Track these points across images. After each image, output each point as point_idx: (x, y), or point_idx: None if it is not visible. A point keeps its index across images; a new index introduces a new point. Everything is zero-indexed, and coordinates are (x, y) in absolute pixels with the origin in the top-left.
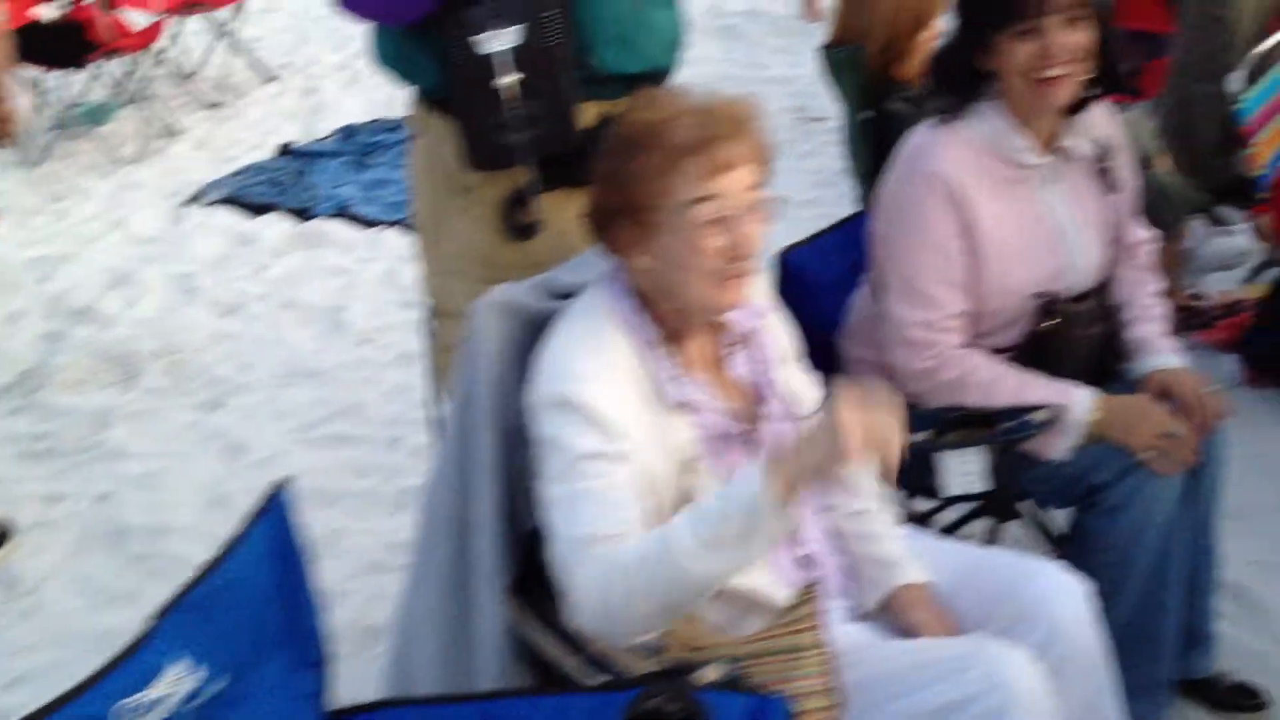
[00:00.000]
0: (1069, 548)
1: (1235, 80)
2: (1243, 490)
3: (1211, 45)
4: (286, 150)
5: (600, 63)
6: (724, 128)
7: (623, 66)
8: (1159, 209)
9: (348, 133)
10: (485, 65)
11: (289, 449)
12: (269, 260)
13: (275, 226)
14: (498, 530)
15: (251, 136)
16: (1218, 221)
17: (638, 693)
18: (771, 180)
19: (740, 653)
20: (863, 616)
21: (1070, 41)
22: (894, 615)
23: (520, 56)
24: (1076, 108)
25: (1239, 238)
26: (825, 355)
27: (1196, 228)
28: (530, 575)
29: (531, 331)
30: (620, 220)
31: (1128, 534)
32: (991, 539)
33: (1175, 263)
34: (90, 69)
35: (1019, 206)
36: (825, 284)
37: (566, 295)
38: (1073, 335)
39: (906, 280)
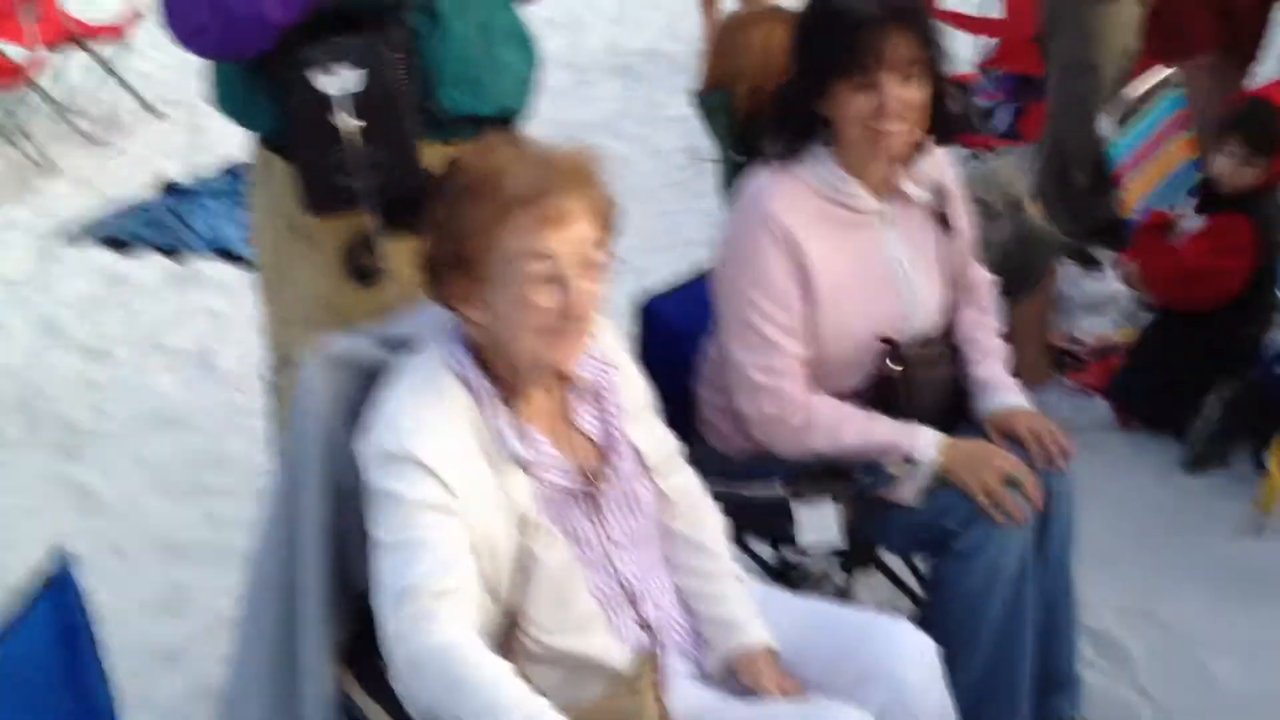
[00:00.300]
0: (927, 596)
1: (1105, 124)
2: (1109, 534)
3: (1080, 89)
4: (169, 188)
5: (446, 104)
6: (560, 180)
7: (470, 108)
8: (1030, 253)
9: (233, 170)
10: (324, 105)
11: (146, 500)
12: (140, 302)
13: (150, 267)
14: (326, 593)
15: (134, 174)
16: (1090, 264)
17: None
18: (612, 238)
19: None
20: (707, 678)
21: (905, 96)
22: (737, 677)
23: (361, 100)
24: (912, 153)
25: (1110, 281)
26: (690, 406)
27: (1068, 271)
28: (363, 641)
29: (365, 384)
30: (452, 272)
31: (980, 581)
32: (847, 590)
33: (1047, 306)
34: None
35: (855, 250)
36: (689, 334)
37: (403, 346)
38: (917, 378)
39: (745, 325)
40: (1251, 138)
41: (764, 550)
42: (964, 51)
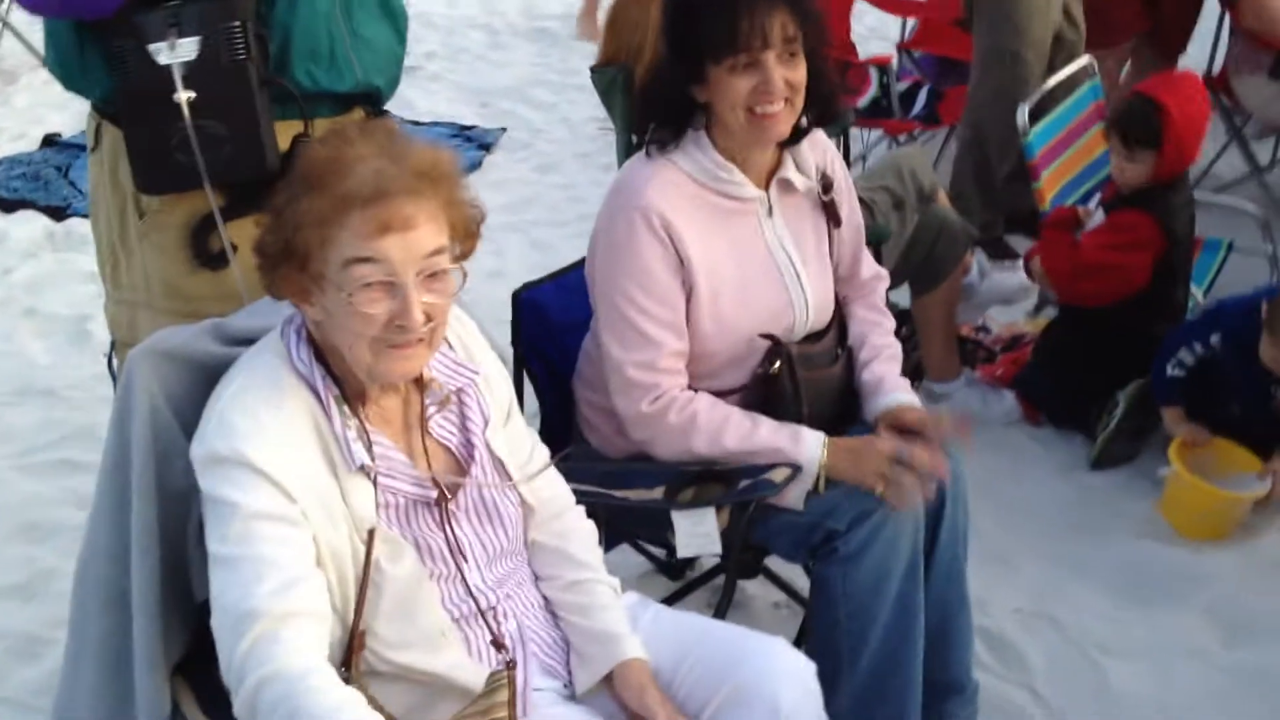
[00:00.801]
0: (813, 600)
1: (1021, 115)
2: (1010, 534)
3: (1003, 79)
4: (51, 142)
5: (300, 79)
6: (406, 183)
7: (327, 84)
8: (939, 244)
9: None
10: (160, 78)
11: (6, 476)
12: (15, 262)
13: (28, 225)
14: (159, 605)
15: (15, 126)
16: (1005, 255)
17: None
18: (467, 245)
19: None
20: (575, 698)
21: (788, 76)
22: (611, 694)
23: (197, 71)
24: (794, 138)
25: (1020, 273)
26: (565, 399)
27: (981, 262)
28: (202, 654)
29: (201, 382)
30: (284, 264)
31: (867, 582)
32: (727, 600)
33: (956, 298)
34: None
35: (736, 241)
36: (567, 325)
37: (247, 342)
38: (803, 377)
39: (622, 320)
40: (1129, 133)
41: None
42: (893, 32)
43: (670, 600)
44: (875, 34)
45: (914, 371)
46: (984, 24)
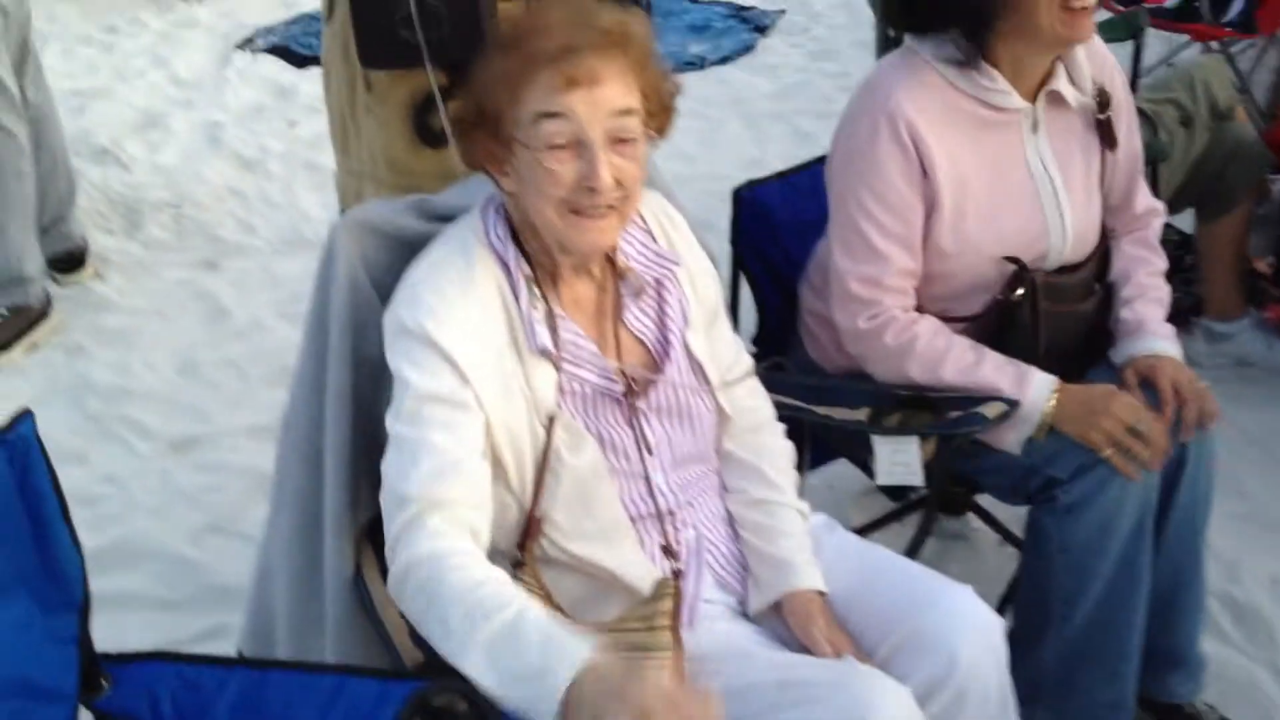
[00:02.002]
0: (1025, 548)
1: None
2: (1276, 497)
3: None
4: None
5: None
6: (594, 39)
7: None
8: (1232, 166)
9: None
10: None
11: (270, 322)
12: (300, 116)
13: (317, 82)
14: (349, 468)
15: None
16: None
17: (421, 686)
18: (658, 117)
19: None
20: (747, 615)
21: None
22: (783, 622)
23: None
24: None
25: None
26: (786, 305)
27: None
28: None
29: (402, 254)
30: (478, 130)
31: (1086, 538)
32: (924, 534)
33: (1246, 228)
34: None
35: (992, 156)
36: (792, 226)
37: (448, 218)
38: (1046, 309)
39: (852, 229)
40: None
41: None
42: None
43: (880, 524)
44: None
45: (1193, 306)
46: None
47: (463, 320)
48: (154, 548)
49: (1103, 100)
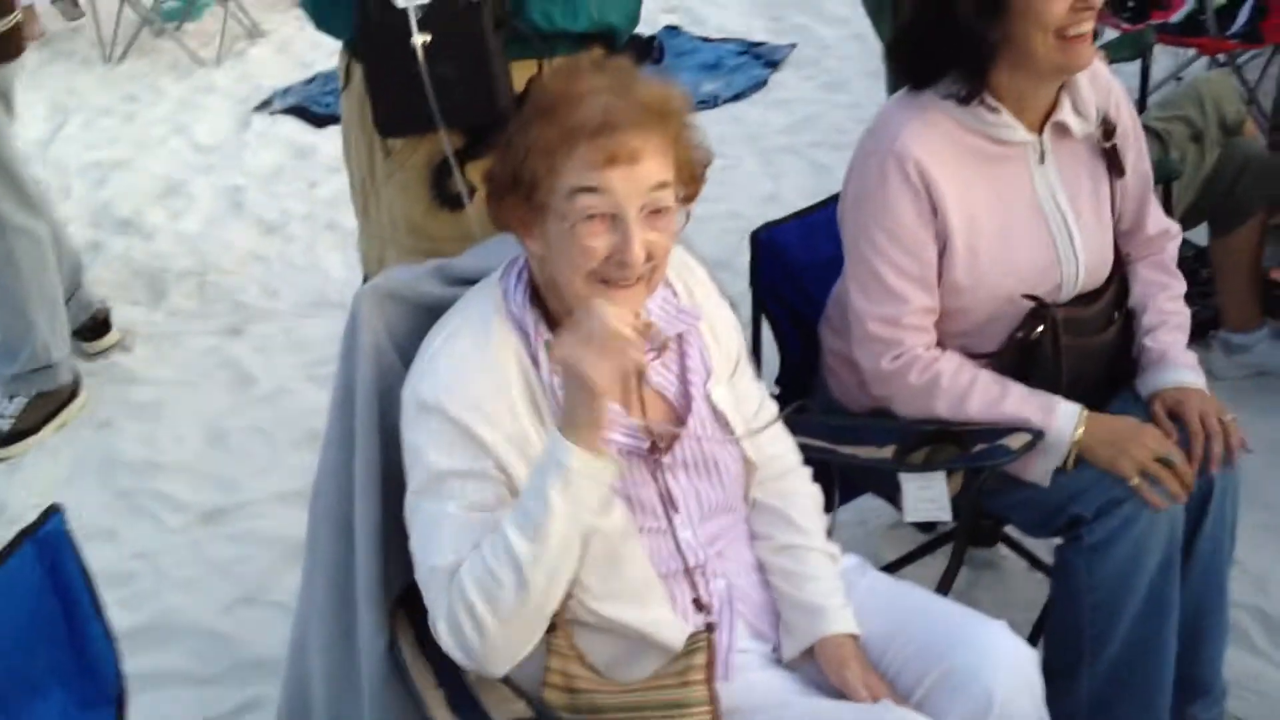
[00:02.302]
0: (1054, 584)
1: None
2: None
3: None
4: None
5: (536, 19)
6: (635, 116)
7: (562, 23)
8: (1243, 181)
9: None
10: (398, 21)
11: (296, 385)
12: (321, 177)
13: (337, 141)
14: (379, 540)
15: (332, 43)
16: None
17: None
18: (692, 188)
19: (620, 703)
20: (782, 662)
21: None
22: (817, 667)
23: (433, 14)
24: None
25: None
26: (808, 345)
27: None
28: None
29: (425, 320)
30: (511, 194)
31: (1114, 576)
32: (954, 569)
33: (1261, 239)
34: None
35: (1001, 191)
36: (809, 267)
37: (470, 282)
38: (1067, 344)
39: (868, 270)
40: None
41: None
42: None
43: (912, 557)
44: None
45: (1210, 319)
46: None
47: (480, 392)
48: (187, 623)
49: (1108, 128)
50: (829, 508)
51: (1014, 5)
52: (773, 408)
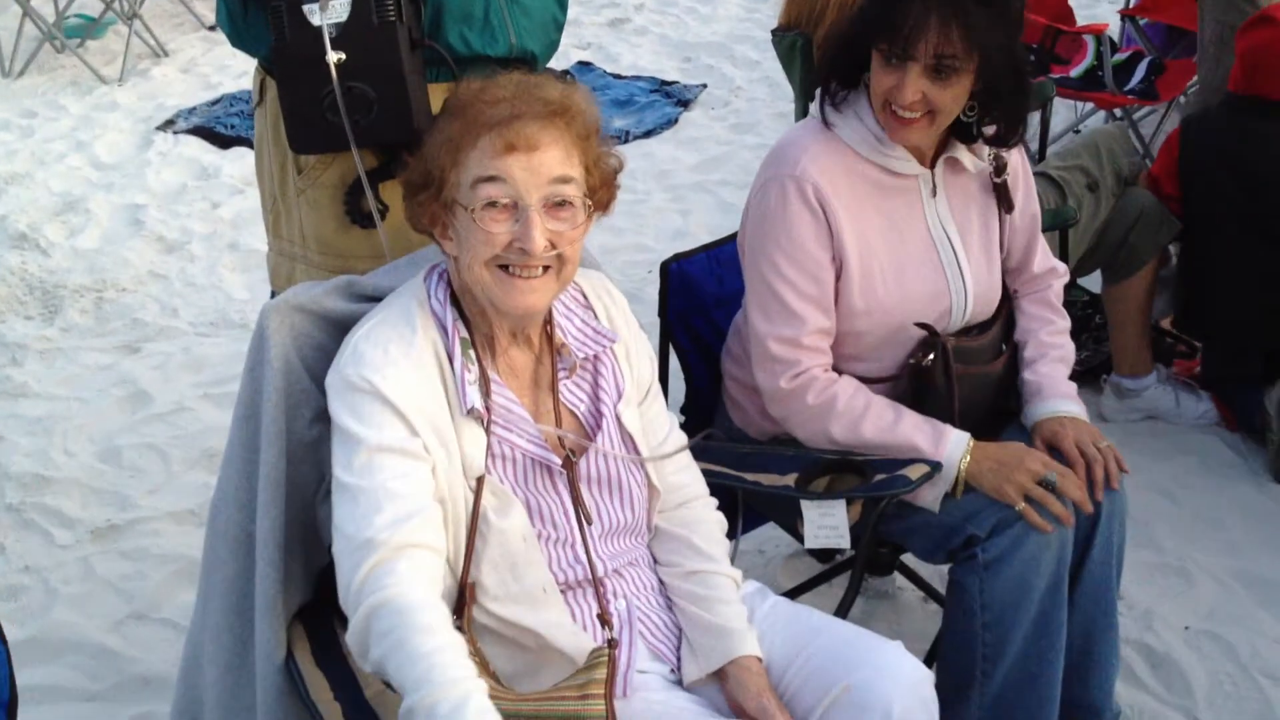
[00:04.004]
0: (947, 606)
1: None
2: (1189, 547)
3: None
4: None
5: (452, 43)
6: (536, 109)
7: (479, 48)
8: (1136, 230)
9: None
10: (312, 39)
11: (195, 404)
12: (224, 197)
13: (240, 162)
14: (281, 553)
15: (239, 64)
16: None
17: None
18: (599, 188)
19: (520, 712)
20: (681, 683)
21: (929, 92)
22: (720, 687)
23: (348, 32)
24: (968, 138)
25: None
26: (714, 375)
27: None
28: (322, 603)
29: (333, 334)
30: (423, 192)
31: (1005, 594)
32: (852, 594)
33: (1152, 288)
34: None
35: (892, 219)
36: (717, 300)
37: (376, 299)
38: (959, 372)
39: (768, 291)
40: None
41: None
42: None
43: (810, 585)
44: None
45: (1104, 364)
46: None
47: (405, 374)
48: (76, 638)
49: (999, 165)
50: (732, 535)
51: (871, 55)
52: (680, 437)
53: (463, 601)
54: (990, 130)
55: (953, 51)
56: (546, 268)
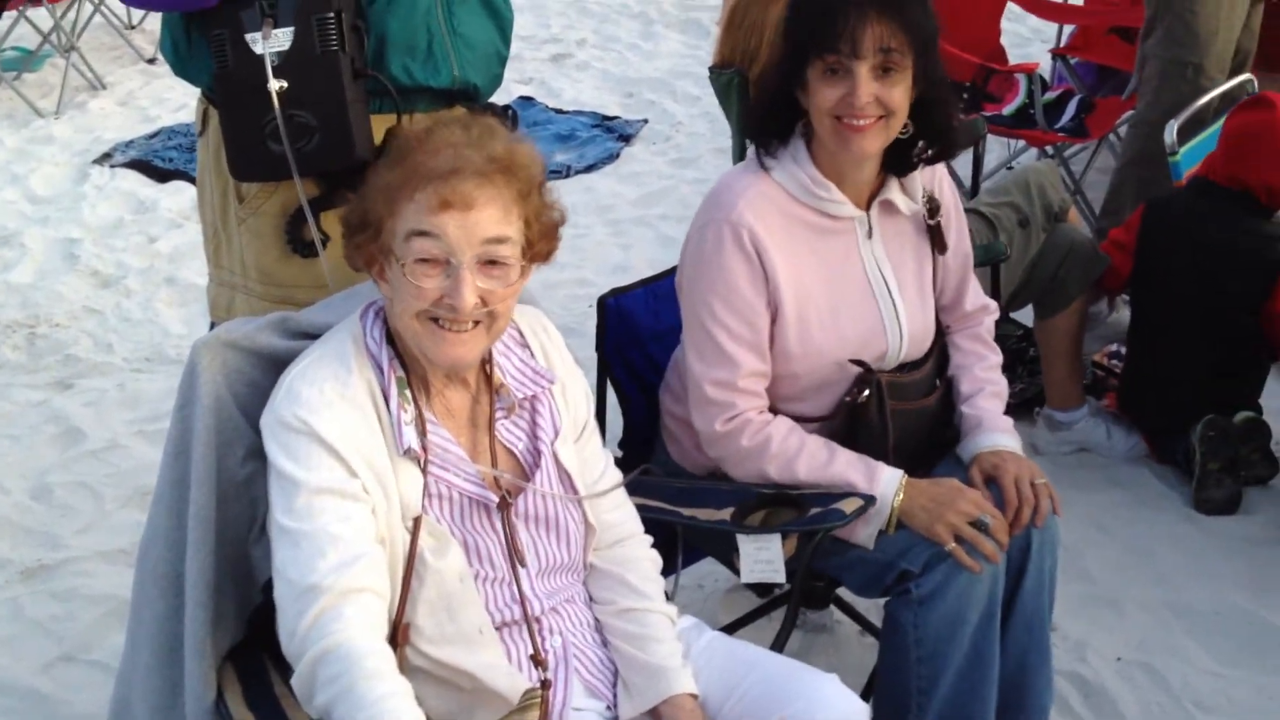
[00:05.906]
0: (882, 640)
1: (1169, 133)
2: (1119, 578)
3: (1181, 93)
4: None
5: (395, 74)
6: (478, 165)
7: (422, 79)
8: (1066, 266)
9: None
10: (255, 67)
11: (128, 441)
12: (160, 231)
13: (178, 196)
14: (211, 593)
15: (178, 97)
16: None
17: None
18: (536, 247)
19: None
20: None
21: (880, 93)
22: None
23: (290, 61)
24: (905, 168)
25: None
26: (651, 410)
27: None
28: (253, 644)
29: (267, 372)
30: (361, 235)
31: (939, 629)
32: (787, 628)
33: (1083, 322)
34: (22, 12)
35: (828, 262)
36: (653, 334)
37: (312, 336)
38: (893, 408)
39: (703, 333)
40: None
41: None
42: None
43: (748, 619)
44: (1039, 36)
45: (1036, 397)
46: (1161, 33)
47: (342, 415)
48: (5, 681)
49: (933, 207)
50: (671, 570)
51: (808, 78)
52: (616, 474)
53: (395, 644)
54: (925, 151)
55: (896, 45)
56: (477, 322)
